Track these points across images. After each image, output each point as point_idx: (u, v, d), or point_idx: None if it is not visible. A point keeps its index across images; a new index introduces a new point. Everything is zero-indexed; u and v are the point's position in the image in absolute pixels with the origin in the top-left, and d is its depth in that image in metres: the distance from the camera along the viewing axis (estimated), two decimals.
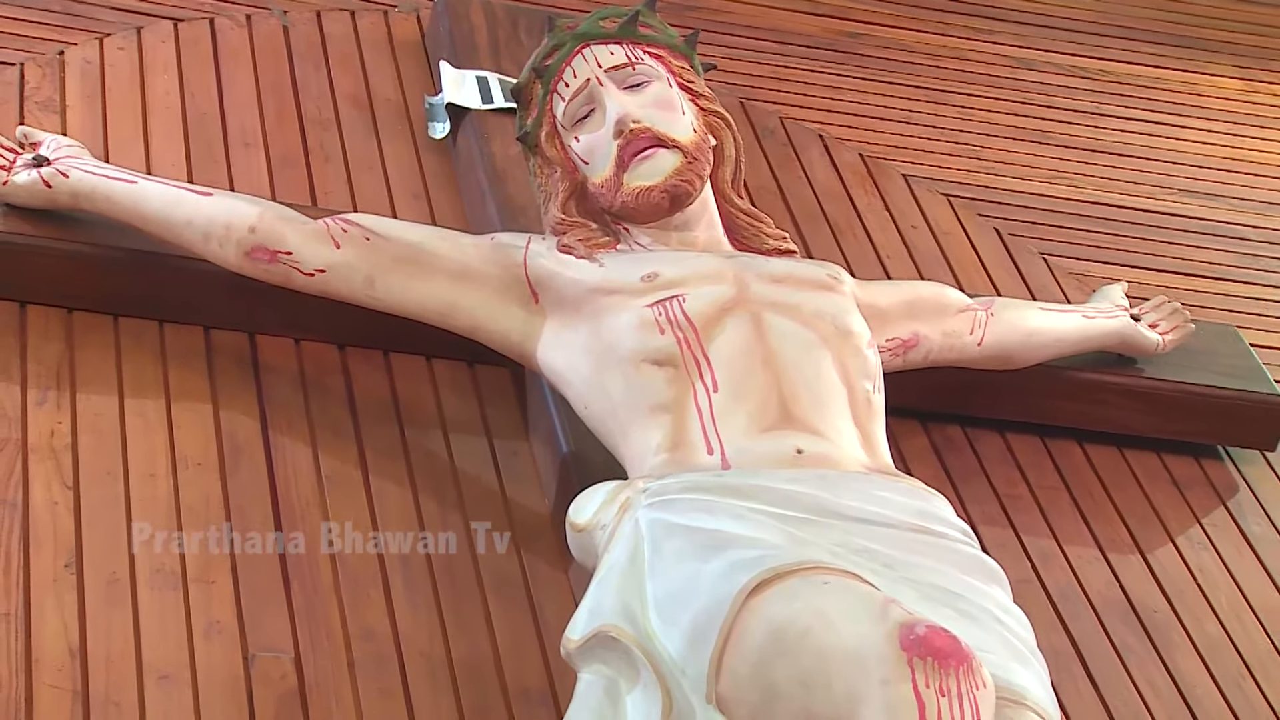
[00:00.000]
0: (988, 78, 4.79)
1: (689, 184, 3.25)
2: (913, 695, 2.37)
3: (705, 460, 2.95)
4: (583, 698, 2.68)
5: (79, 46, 3.97)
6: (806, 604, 2.54)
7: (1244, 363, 3.85)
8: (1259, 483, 3.79)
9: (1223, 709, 3.31)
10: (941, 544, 2.84)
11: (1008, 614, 2.77)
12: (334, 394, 3.36)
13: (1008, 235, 4.25)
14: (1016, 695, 2.60)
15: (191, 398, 3.27)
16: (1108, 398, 3.73)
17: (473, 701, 2.92)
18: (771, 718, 2.54)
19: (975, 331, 3.48)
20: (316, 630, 2.96)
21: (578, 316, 3.19)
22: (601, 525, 2.89)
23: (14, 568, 2.91)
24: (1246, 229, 4.50)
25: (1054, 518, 3.58)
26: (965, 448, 3.65)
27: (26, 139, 3.42)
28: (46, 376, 3.23)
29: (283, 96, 4.00)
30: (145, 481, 3.10)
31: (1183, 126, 4.80)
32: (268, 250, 3.26)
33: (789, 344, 3.06)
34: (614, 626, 2.69)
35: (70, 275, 3.34)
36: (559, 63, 3.33)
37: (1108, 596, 3.46)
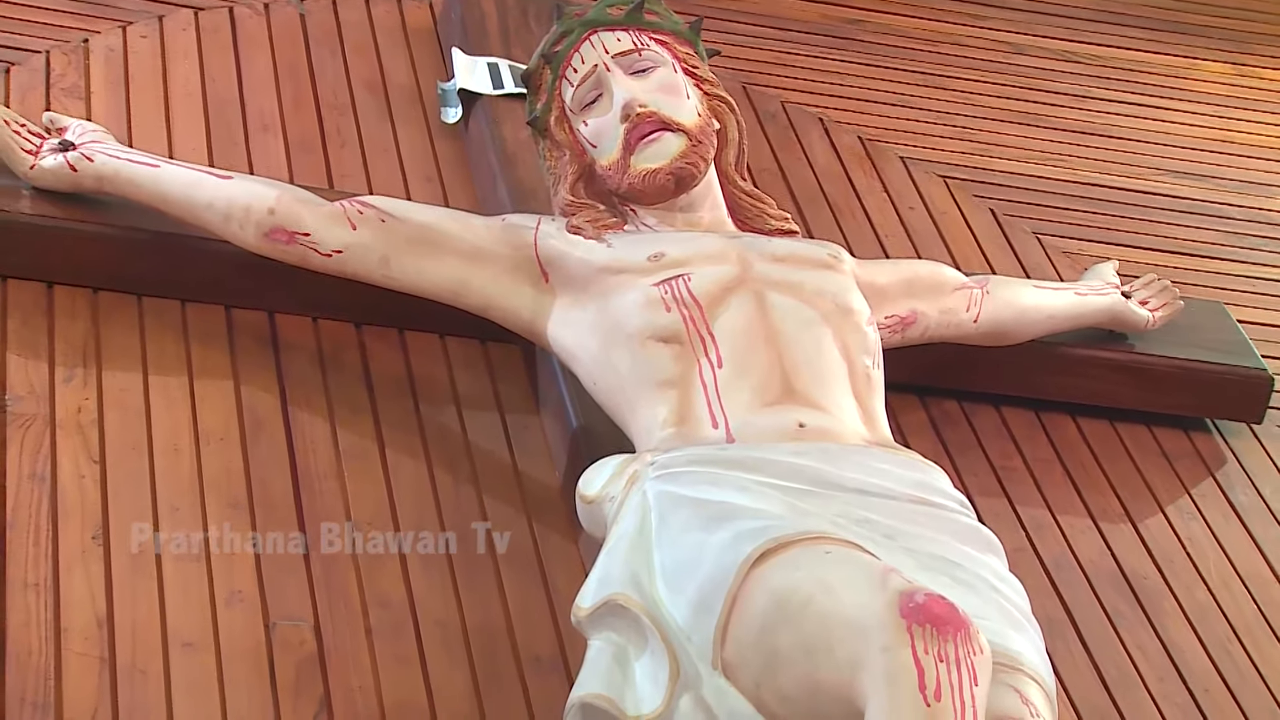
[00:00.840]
0: (982, 63, 4.78)
1: (694, 166, 3.25)
2: (912, 661, 2.37)
3: (710, 434, 2.95)
4: (593, 663, 2.68)
5: (103, 35, 3.96)
6: (809, 573, 2.54)
7: (1231, 338, 3.85)
8: (1246, 454, 3.79)
9: (1210, 672, 3.31)
10: (939, 514, 2.84)
11: (1003, 582, 2.77)
12: (351, 371, 3.36)
13: (1002, 215, 4.25)
14: (1012, 660, 2.60)
15: (213, 374, 3.27)
16: (1099, 372, 3.72)
17: (486, 668, 2.93)
18: (775, 683, 2.54)
19: (971, 309, 3.48)
20: (335, 599, 2.96)
21: (586, 295, 3.19)
22: (610, 497, 2.89)
23: (43, 539, 2.91)
24: (1233, 208, 4.49)
25: (1047, 489, 3.58)
26: (962, 421, 3.65)
27: (53, 124, 3.42)
28: (73, 355, 3.23)
29: (300, 82, 4.00)
30: (169, 455, 3.10)
31: (1171, 109, 4.79)
32: (286, 231, 3.26)
33: (791, 321, 3.06)
34: (623, 595, 2.69)
35: (95, 256, 3.34)
36: (567, 49, 3.33)
37: (1100, 565, 3.46)
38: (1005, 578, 2.79)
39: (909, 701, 2.36)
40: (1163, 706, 3.22)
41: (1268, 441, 3.83)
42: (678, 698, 2.61)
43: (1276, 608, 3.48)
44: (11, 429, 3.07)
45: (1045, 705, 2.60)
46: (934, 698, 2.36)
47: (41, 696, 2.69)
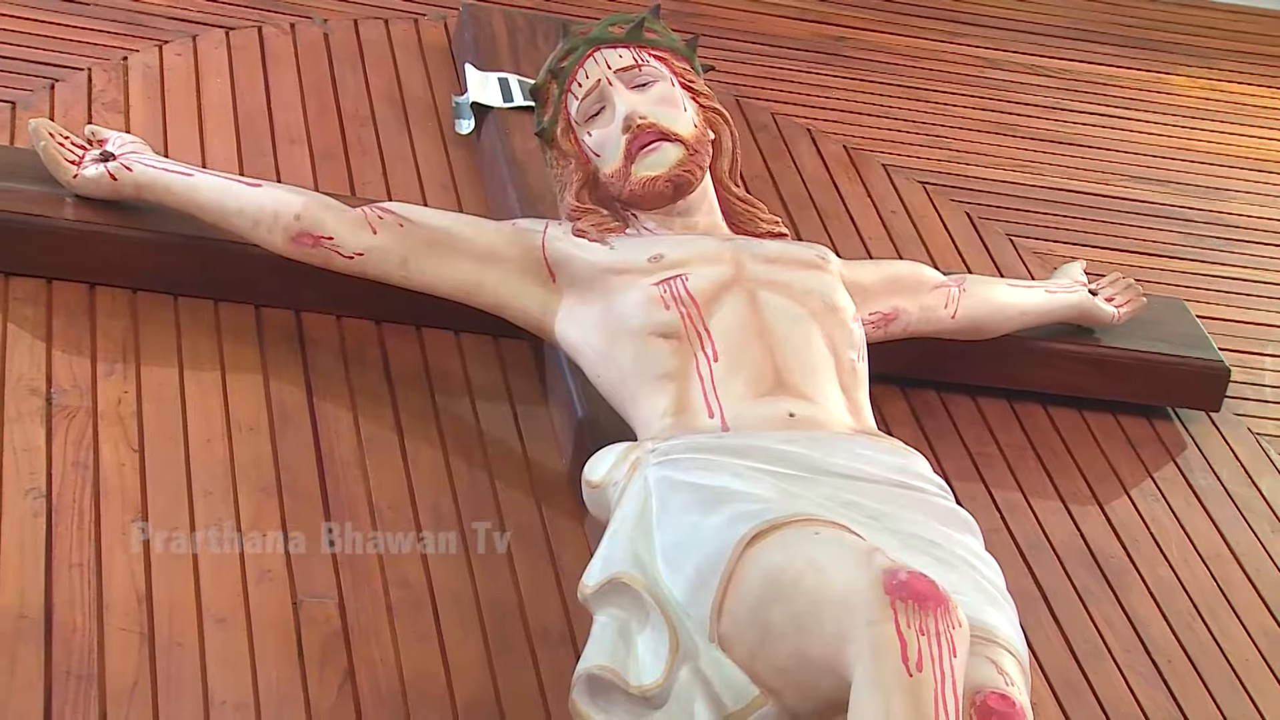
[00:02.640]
0: (959, 76, 4.78)
1: (691, 174, 3.25)
2: (895, 634, 2.37)
3: (707, 423, 2.95)
4: (598, 637, 2.68)
5: (140, 53, 3.96)
6: (799, 553, 2.54)
7: (1191, 332, 3.85)
8: (1205, 440, 3.79)
9: (1173, 644, 3.31)
10: (920, 497, 2.83)
11: (980, 560, 2.77)
12: (372, 365, 3.36)
13: (977, 218, 4.24)
14: (988, 633, 2.60)
15: (244, 369, 3.27)
16: (1068, 364, 3.72)
17: (498, 641, 2.92)
18: (768, 655, 2.54)
19: (949, 306, 3.47)
20: (358, 578, 2.96)
21: (591, 294, 3.18)
22: (614, 482, 2.89)
23: (86, 523, 2.91)
24: (1193, 211, 4.49)
25: (1020, 473, 3.58)
26: (940, 410, 3.65)
27: (94, 136, 3.41)
28: (114, 351, 3.23)
29: (324, 96, 4.00)
30: (203, 445, 3.10)
31: (1134, 119, 4.79)
32: (311, 235, 3.26)
33: (781, 318, 3.06)
34: (626, 574, 2.69)
35: (134, 259, 3.34)
36: (573, 65, 3.33)
37: (1069, 544, 3.45)
38: (982, 556, 2.78)
39: (892, 671, 2.36)
40: (1129, 676, 3.22)
41: (1225, 429, 3.83)
42: (677, 669, 2.61)
43: (1234, 584, 3.48)
44: (57, 420, 3.07)
45: (1020, 675, 2.60)
46: (916, 668, 2.36)
47: (86, 669, 2.69)
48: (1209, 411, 3.84)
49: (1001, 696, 2.49)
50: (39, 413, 3.07)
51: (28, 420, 3.05)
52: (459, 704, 2.81)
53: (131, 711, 2.65)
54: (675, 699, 2.61)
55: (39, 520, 2.89)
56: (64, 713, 2.63)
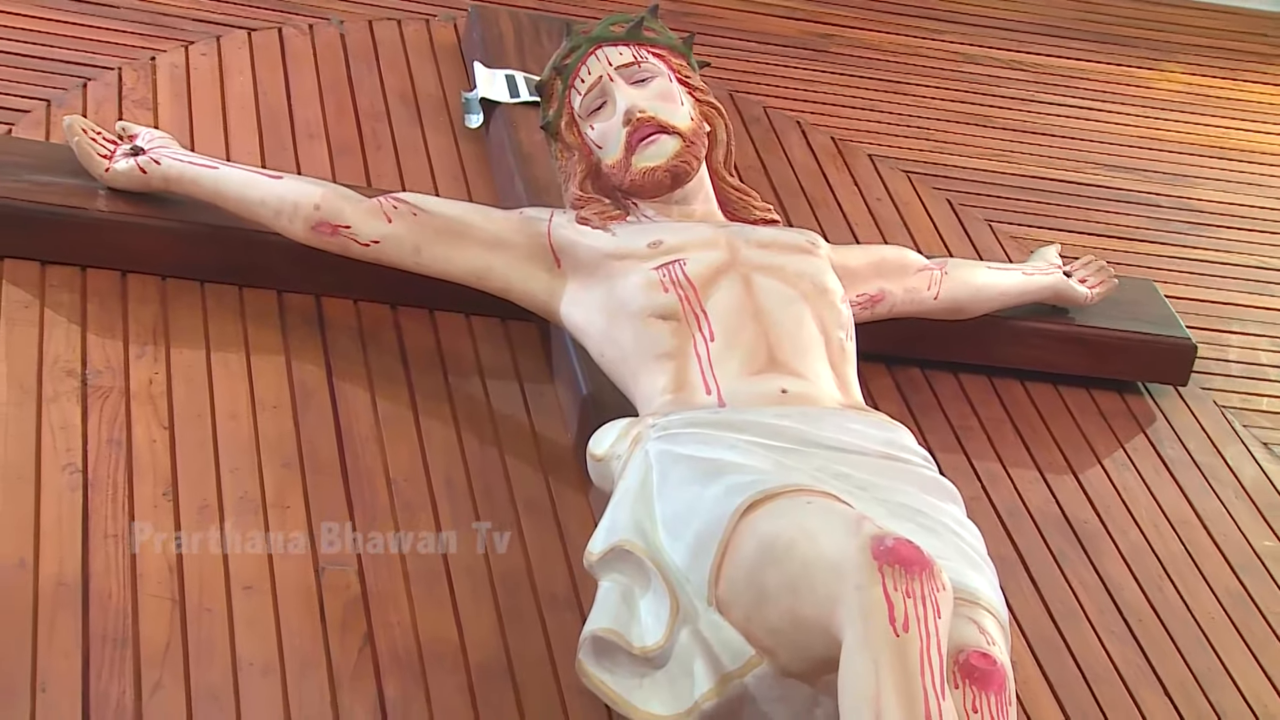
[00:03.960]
0: (940, 71, 4.77)
1: (688, 164, 3.24)
2: (883, 597, 2.37)
3: (704, 399, 2.94)
4: (602, 602, 2.68)
5: (168, 53, 3.95)
6: (792, 521, 2.54)
7: (1160, 311, 3.85)
8: (1173, 413, 3.79)
9: (1144, 604, 3.31)
10: (906, 468, 2.83)
11: (962, 527, 2.77)
12: (388, 347, 3.36)
13: (958, 205, 4.24)
14: (971, 596, 2.60)
15: (267, 351, 3.27)
16: (1044, 342, 3.72)
17: (509, 606, 2.92)
18: (763, 617, 2.54)
19: (932, 288, 3.47)
20: (377, 546, 2.96)
21: (594, 278, 3.18)
22: (617, 456, 2.89)
23: (120, 496, 2.91)
24: (1161, 197, 4.49)
25: (1000, 445, 3.57)
26: (924, 387, 3.64)
27: (125, 132, 3.41)
28: (144, 334, 3.22)
29: (340, 94, 3.99)
30: (229, 422, 3.10)
31: (1105, 110, 4.78)
32: (330, 225, 3.26)
33: (774, 300, 3.06)
34: (628, 541, 2.69)
35: (163, 248, 3.34)
36: (576, 62, 3.32)
37: (1046, 511, 3.45)
38: (964, 523, 2.79)
39: (880, 632, 2.36)
40: (1102, 635, 3.22)
41: (1192, 402, 3.83)
42: (678, 631, 2.61)
43: (1200, 547, 3.48)
44: (91, 400, 3.06)
45: (1000, 634, 2.60)
46: (902, 629, 2.36)
47: (121, 633, 2.69)
48: (1177, 386, 3.83)
49: (983, 655, 2.49)
50: (75, 393, 3.07)
51: (64, 400, 3.05)
52: (472, 665, 2.81)
53: (164, 673, 2.66)
54: (676, 659, 2.61)
55: (76, 494, 2.89)
56: (101, 674, 2.63)
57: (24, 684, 2.59)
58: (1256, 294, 4.22)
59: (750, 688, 2.56)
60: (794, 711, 2.57)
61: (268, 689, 2.68)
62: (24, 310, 3.20)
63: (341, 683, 2.73)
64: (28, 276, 3.27)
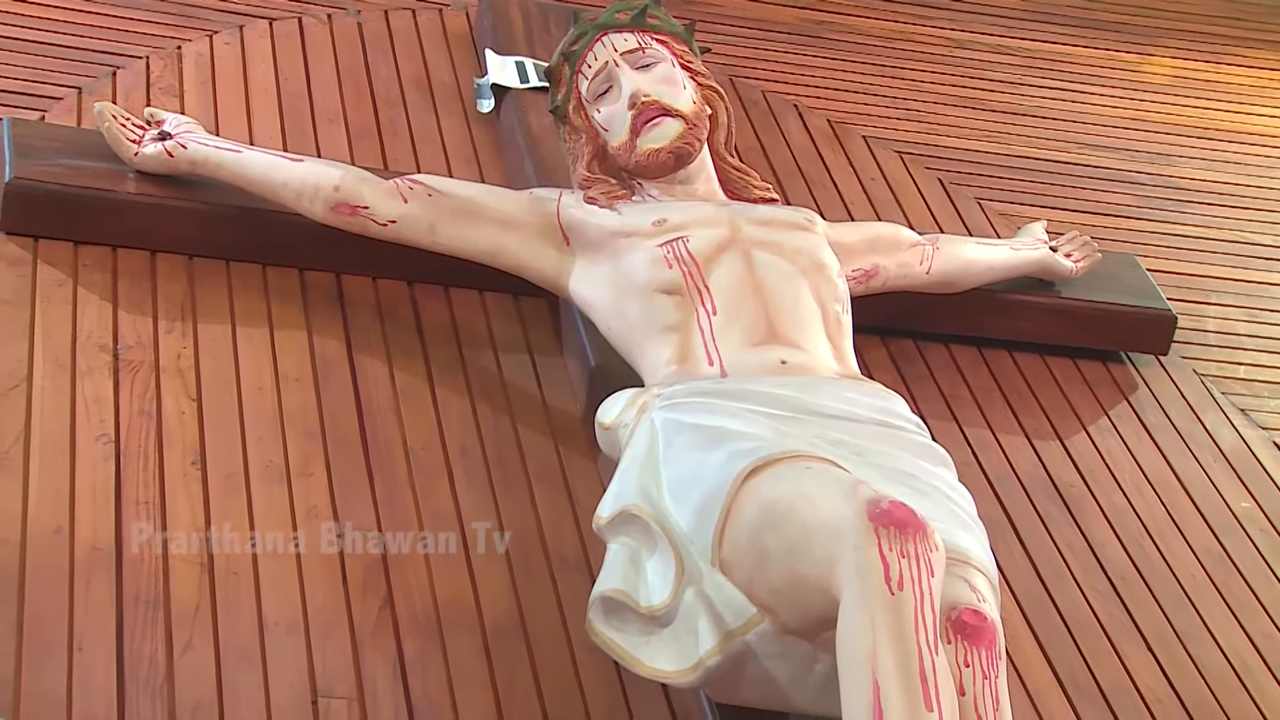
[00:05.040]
0: (931, 55, 4.76)
1: (690, 146, 3.24)
2: (879, 557, 2.37)
3: (707, 370, 2.94)
4: (611, 564, 2.69)
5: (193, 42, 3.95)
6: (792, 485, 2.54)
7: (1141, 284, 3.84)
8: (1154, 381, 3.79)
9: (1127, 563, 3.32)
10: (899, 435, 2.83)
11: (954, 490, 2.77)
12: (405, 322, 3.36)
13: (949, 184, 4.24)
14: (962, 555, 2.61)
15: (290, 326, 3.27)
16: (1031, 314, 3.72)
17: (521, 567, 2.93)
18: (764, 577, 2.54)
19: (924, 263, 3.47)
20: (395, 511, 2.96)
21: (601, 255, 3.18)
22: (624, 424, 2.89)
23: (151, 465, 2.91)
24: (1142, 175, 4.48)
25: (989, 413, 3.58)
26: (916, 357, 3.64)
27: (153, 118, 3.41)
28: (173, 310, 3.23)
29: (358, 80, 3.98)
30: (254, 394, 3.10)
31: (1089, 93, 4.77)
32: (349, 205, 3.26)
33: (773, 275, 3.06)
34: (636, 506, 2.69)
35: (190, 228, 3.34)
36: (583, 49, 3.32)
37: (1033, 475, 3.46)
38: (955, 487, 2.79)
39: (877, 590, 2.36)
40: (1087, 593, 3.23)
41: (1173, 370, 3.83)
42: (683, 591, 2.61)
43: (1181, 509, 3.48)
44: (123, 373, 3.07)
45: (990, 592, 2.61)
46: (897, 587, 2.36)
47: (153, 595, 2.70)
48: (1158, 355, 3.83)
49: (974, 612, 2.50)
50: (107, 367, 3.07)
51: (97, 374, 3.05)
52: (487, 624, 2.82)
53: (194, 633, 2.66)
54: (681, 618, 2.61)
55: (109, 463, 2.89)
56: (134, 634, 2.64)
57: (61, 644, 2.60)
58: (1234, 268, 4.22)
59: (752, 645, 2.56)
60: (794, 667, 2.57)
61: (292, 648, 2.69)
62: (58, 289, 3.20)
63: (363, 642, 2.74)
64: (62, 256, 3.27)
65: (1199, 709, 3.05)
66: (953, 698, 2.38)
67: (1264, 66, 5.04)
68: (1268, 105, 4.88)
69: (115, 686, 2.56)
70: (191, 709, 2.56)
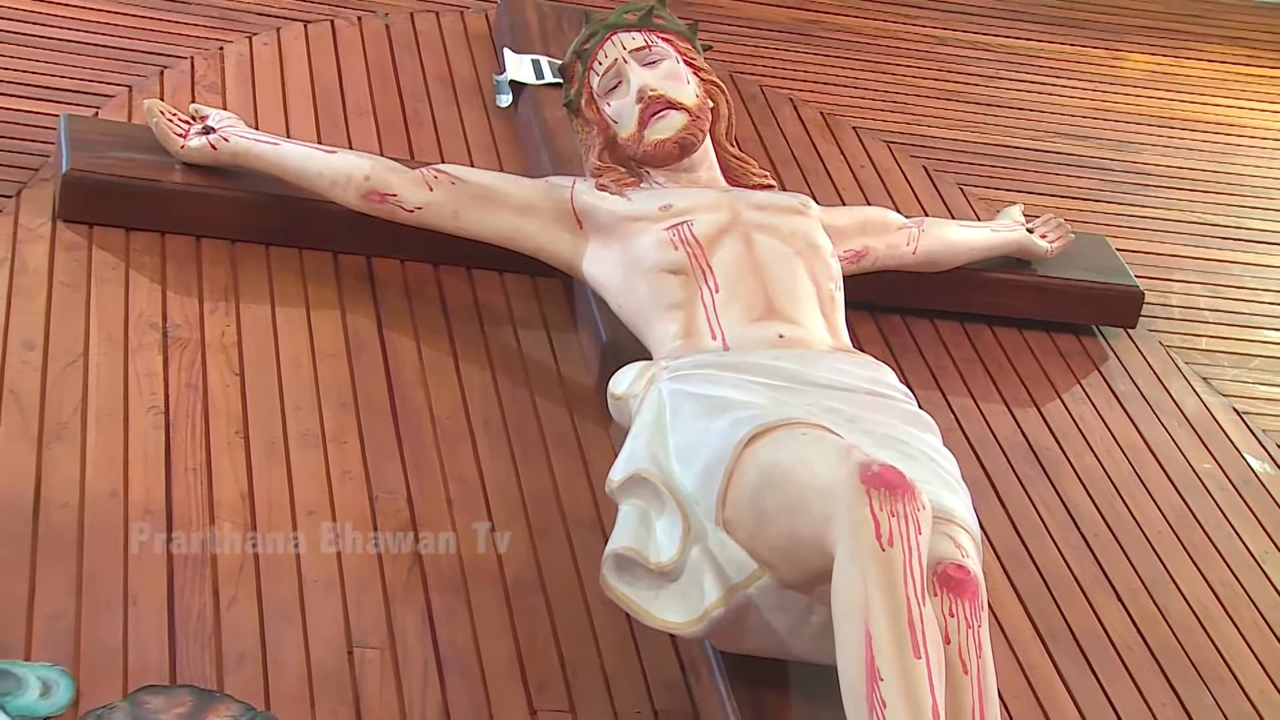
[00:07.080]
0: (916, 52, 4.74)
1: (694, 137, 3.23)
2: (870, 516, 2.37)
3: (710, 344, 2.94)
4: (622, 523, 2.68)
5: (234, 43, 3.94)
6: (789, 450, 2.53)
7: (1111, 263, 3.83)
8: (1124, 352, 3.78)
9: (1099, 521, 3.31)
10: (889, 403, 2.83)
11: (939, 454, 2.77)
12: (431, 301, 3.35)
13: (933, 170, 4.22)
14: (947, 514, 2.60)
15: (325, 305, 3.27)
16: (1010, 291, 3.71)
17: (539, 526, 2.93)
18: (764, 535, 2.54)
19: (910, 244, 3.46)
20: (422, 476, 2.96)
21: (612, 238, 3.17)
22: (634, 394, 2.88)
23: (198, 434, 2.91)
24: (1111, 161, 4.47)
25: (971, 382, 3.57)
26: (904, 331, 3.64)
27: (197, 113, 3.40)
28: (217, 292, 3.23)
29: (386, 77, 3.98)
30: (293, 368, 3.10)
31: (1062, 86, 4.76)
32: (379, 193, 3.25)
33: (771, 256, 3.05)
34: (645, 470, 2.69)
35: (232, 215, 3.33)
36: (594, 47, 3.31)
37: (1012, 440, 3.45)
38: (940, 451, 2.78)
39: (868, 547, 2.36)
40: (1063, 549, 3.22)
41: (1140, 342, 3.82)
42: (689, 548, 2.61)
43: (1148, 469, 3.48)
44: (172, 350, 3.07)
45: (973, 548, 2.60)
46: (887, 544, 2.36)
47: (201, 554, 2.70)
48: (1127, 328, 3.82)
49: (958, 566, 2.49)
50: (157, 344, 3.07)
51: (148, 350, 3.05)
52: (508, 579, 2.82)
53: (239, 590, 2.67)
54: (688, 573, 2.61)
55: (159, 433, 2.89)
56: (184, 590, 2.64)
57: (117, 599, 2.60)
58: (1196, 246, 4.21)
59: (753, 598, 2.56)
60: (792, 618, 2.57)
61: (330, 603, 2.69)
62: (112, 271, 3.20)
63: (395, 596, 2.74)
64: (114, 242, 3.27)
65: (1164, 653, 3.05)
66: (939, 645, 2.38)
67: (1223, 60, 5.02)
68: (1226, 96, 4.86)
69: (167, 638, 2.56)
70: (237, 658, 2.56)
